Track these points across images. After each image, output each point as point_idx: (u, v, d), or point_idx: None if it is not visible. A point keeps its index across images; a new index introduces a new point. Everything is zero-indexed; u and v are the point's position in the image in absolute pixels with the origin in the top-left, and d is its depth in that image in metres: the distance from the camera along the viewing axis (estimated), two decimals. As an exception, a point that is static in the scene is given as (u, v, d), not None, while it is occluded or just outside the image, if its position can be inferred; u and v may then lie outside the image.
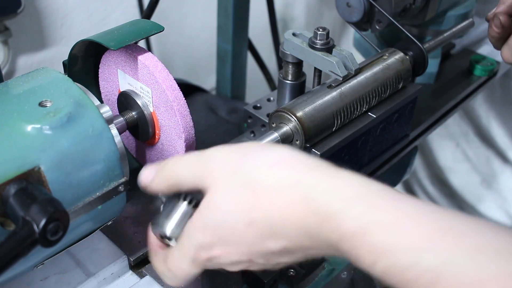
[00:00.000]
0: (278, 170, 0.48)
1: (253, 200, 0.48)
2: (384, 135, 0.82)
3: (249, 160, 0.49)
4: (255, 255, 0.50)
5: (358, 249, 0.43)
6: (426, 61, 0.81)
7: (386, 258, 0.42)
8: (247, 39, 1.19)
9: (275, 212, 0.47)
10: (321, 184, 0.46)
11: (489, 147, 1.48)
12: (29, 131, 0.53)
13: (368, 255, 0.43)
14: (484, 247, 0.40)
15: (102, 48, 0.68)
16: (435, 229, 0.42)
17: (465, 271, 0.39)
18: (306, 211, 0.46)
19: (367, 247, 0.43)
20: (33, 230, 0.47)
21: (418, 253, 0.41)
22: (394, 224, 0.42)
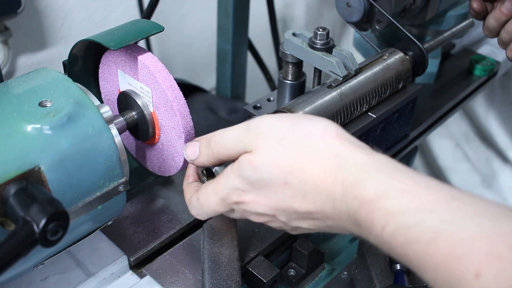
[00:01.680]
0: (326, 141, 0.53)
1: (294, 165, 0.53)
2: (384, 135, 0.82)
3: (299, 128, 0.54)
4: (280, 211, 0.55)
5: (373, 213, 0.47)
6: (426, 61, 0.81)
7: (396, 219, 0.46)
8: (247, 39, 1.19)
9: (309, 179, 0.52)
10: (354, 158, 0.51)
11: (489, 147, 1.48)
12: (29, 131, 0.53)
13: (381, 218, 0.47)
14: (482, 212, 0.44)
15: (102, 48, 0.68)
16: (442, 197, 0.46)
17: (461, 229, 0.43)
18: (335, 180, 0.51)
19: (382, 210, 0.47)
20: (33, 230, 0.47)
21: (423, 214, 0.45)
22: (407, 191, 0.47)
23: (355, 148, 0.52)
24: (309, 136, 0.54)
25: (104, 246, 0.74)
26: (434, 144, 1.56)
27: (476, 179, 1.54)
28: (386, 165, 0.51)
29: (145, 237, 0.75)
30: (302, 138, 0.54)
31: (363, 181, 0.49)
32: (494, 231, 0.42)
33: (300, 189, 0.53)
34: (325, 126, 0.54)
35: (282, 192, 0.54)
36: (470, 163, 1.53)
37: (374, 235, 0.48)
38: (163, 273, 0.71)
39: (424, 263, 0.45)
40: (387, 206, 0.47)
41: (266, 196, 0.55)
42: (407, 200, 0.47)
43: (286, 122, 0.56)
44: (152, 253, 0.74)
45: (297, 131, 0.54)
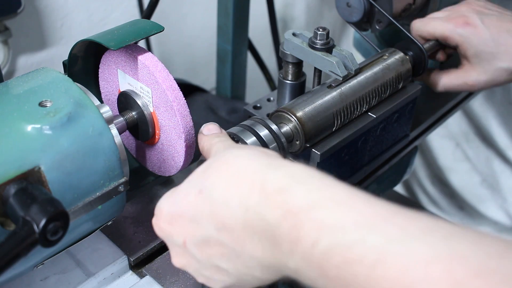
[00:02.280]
0: (250, 151, 0.47)
1: (211, 170, 0.47)
2: (384, 135, 0.82)
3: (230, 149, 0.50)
4: (190, 236, 0.48)
5: (301, 226, 0.39)
6: (426, 61, 0.81)
7: (330, 234, 0.38)
8: (247, 39, 1.19)
9: (220, 184, 0.45)
10: (278, 163, 0.44)
11: (489, 147, 1.48)
12: (29, 131, 0.53)
13: (312, 232, 0.39)
14: (434, 229, 0.37)
15: (102, 48, 0.68)
16: (385, 211, 0.39)
17: (411, 251, 0.36)
18: (252, 186, 0.43)
19: (312, 223, 0.39)
20: (33, 230, 0.47)
21: (365, 229, 0.38)
22: (345, 202, 0.40)
23: (279, 158, 0.46)
24: (234, 150, 0.48)
25: (104, 246, 0.74)
26: (434, 144, 1.56)
27: (476, 179, 1.54)
28: (315, 173, 0.43)
29: (145, 237, 0.75)
30: (227, 152, 0.49)
31: (290, 188, 0.41)
32: (451, 253, 0.35)
33: (210, 198, 0.45)
34: (256, 148, 0.49)
35: (194, 204, 0.47)
36: (470, 163, 1.53)
37: (300, 255, 0.40)
38: (163, 273, 0.71)
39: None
40: (320, 218, 0.39)
41: (181, 215, 0.48)
42: (345, 212, 0.39)
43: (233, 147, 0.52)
44: (152, 253, 0.74)
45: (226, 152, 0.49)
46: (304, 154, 0.71)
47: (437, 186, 1.61)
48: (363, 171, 0.82)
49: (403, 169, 0.97)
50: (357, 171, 0.81)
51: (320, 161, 0.71)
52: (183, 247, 0.49)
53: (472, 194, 1.55)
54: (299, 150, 0.69)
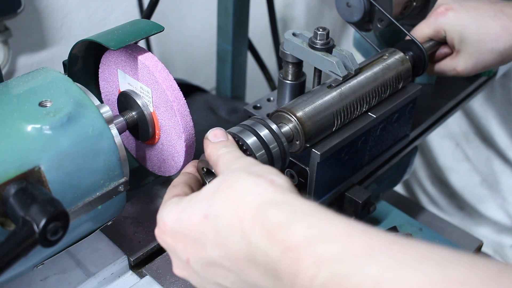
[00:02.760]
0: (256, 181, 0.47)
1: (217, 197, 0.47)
2: (384, 135, 0.82)
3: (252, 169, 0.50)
4: (194, 254, 0.49)
5: (301, 261, 0.41)
6: (427, 61, 0.81)
7: (329, 267, 0.40)
8: (247, 39, 1.19)
9: (226, 214, 0.46)
10: (278, 199, 0.45)
11: (489, 147, 1.48)
12: (29, 131, 0.53)
13: (311, 267, 0.40)
14: (429, 256, 0.38)
15: (102, 48, 0.68)
16: (382, 241, 0.40)
17: (406, 277, 0.37)
18: (254, 220, 0.44)
19: (311, 258, 0.41)
20: (33, 230, 0.47)
21: (362, 260, 0.39)
22: (342, 235, 0.41)
23: (284, 191, 0.46)
24: (262, 174, 0.48)
25: (104, 246, 0.74)
26: (434, 144, 1.56)
27: (476, 179, 1.54)
28: (315, 208, 0.44)
29: (145, 237, 0.75)
30: (253, 172, 0.48)
31: (289, 224, 0.43)
32: (445, 280, 0.36)
33: (215, 226, 0.46)
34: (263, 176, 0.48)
35: (200, 227, 0.48)
36: (470, 163, 1.53)
37: (301, 285, 0.41)
38: (163, 273, 0.71)
39: None
40: (318, 253, 0.40)
41: (185, 234, 0.49)
42: (342, 245, 0.40)
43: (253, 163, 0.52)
44: (152, 253, 0.74)
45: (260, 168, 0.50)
46: (304, 154, 0.71)
47: (437, 186, 1.61)
48: (363, 171, 0.82)
49: (403, 169, 0.97)
50: (357, 171, 0.81)
51: (320, 161, 0.71)
52: (187, 263, 0.50)
53: (472, 194, 1.55)
54: (299, 150, 0.69)
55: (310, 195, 0.75)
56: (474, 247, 0.98)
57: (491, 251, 1.52)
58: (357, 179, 0.82)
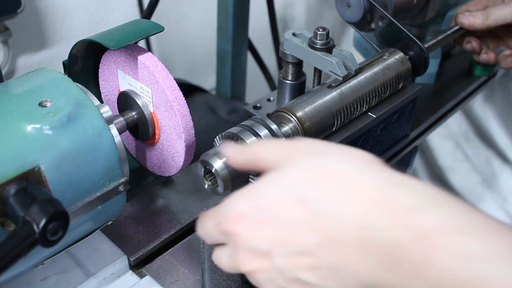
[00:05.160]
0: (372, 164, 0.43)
1: (319, 178, 0.42)
2: (384, 135, 0.82)
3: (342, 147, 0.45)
4: (280, 244, 0.43)
5: (435, 250, 0.36)
6: (427, 61, 0.81)
7: (470, 264, 0.35)
8: (247, 39, 1.19)
9: (334, 197, 0.40)
10: (408, 182, 0.40)
11: (489, 147, 1.48)
12: (29, 131, 0.53)
13: (447, 259, 0.35)
14: None
15: (102, 48, 0.68)
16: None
17: None
18: (375, 203, 0.39)
19: (449, 249, 0.36)
20: (33, 230, 0.47)
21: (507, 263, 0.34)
22: (485, 229, 0.36)
23: (397, 174, 0.42)
24: (352, 154, 0.44)
25: (104, 246, 0.74)
26: (434, 144, 1.56)
27: (476, 179, 1.54)
28: (446, 195, 0.40)
29: (145, 237, 0.75)
30: (342, 154, 0.43)
31: (422, 209, 0.38)
32: None
33: (318, 210, 0.41)
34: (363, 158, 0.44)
35: (292, 213, 0.42)
36: (470, 163, 1.53)
37: (426, 282, 0.36)
38: (163, 273, 0.71)
39: None
40: (459, 245, 0.36)
41: (268, 222, 0.43)
42: (487, 241, 0.35)
43: (325, 144, 0.46)
44: (152, 253, 0.74)
45: (340, 148, 0.45)
46: (304, 154, 0.71)
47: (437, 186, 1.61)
48: (363, 171, 0.82)
49: (403, 169, 0.97)
50: (357, 171, 0.81)
51: (320, 161, 0.71)
52: (266, 255, 0.44)
53: (472, 194, 1.55)
54: (299, 150, 0.69)
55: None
56: (474, 247, 0.97)
57: (491, 251, 1.51)
58: (357, 179, 0.82)
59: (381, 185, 0.40)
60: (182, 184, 0.84)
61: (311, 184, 0.42)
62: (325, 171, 0.42)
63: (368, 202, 0.40)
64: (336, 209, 0.40)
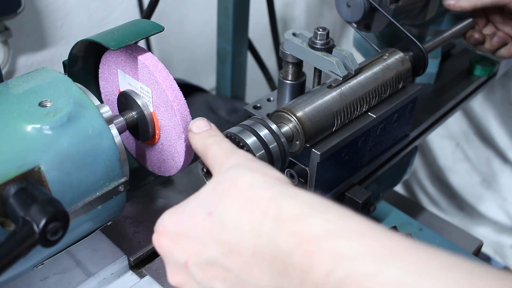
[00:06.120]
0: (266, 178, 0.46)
1: (223, 193, 0.46)
2: (384, 135, 0.82)
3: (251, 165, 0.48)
4: (193, 257, 0.46)
5: (316, 254, 0.39)
6: (426, 61, 0.81)
7: (347, 265, 0.37)
8: (247, 39, 1.19)
9: (233, 209, 0.44)
10: (294, 192, 0.44)
11: (489, 147, 1.48)
12: (29, 131, 0.53)
13: (327, 262, 0.38)
14: (455, 265, 0.36)
15: (102, 48, 0.68)
16: (405, 244, 0.38)
17: (433, 285, 0.35)
18: (266, 213, 0.42)
19: (329, 252, 0.38)
20: (33, 230, 0.47)
21: (384, 262, 0.37)
22: (363, 232, 0.39)
23: (294, 186, 0.45)
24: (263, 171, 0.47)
25: (104, 246, 0.74)
26: (434, 144, 1.56)
27: (476, 179, 1.54)
28: (331, 204, 0.43)
29: (145, 237, 0.75)
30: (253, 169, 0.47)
31: (307, 216, 0.41)
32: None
33: (220, 222, 0.44)
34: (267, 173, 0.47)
35: (202, 225, 0.46)
36: (470, 163, 1.53)
37: (311, 285, 0.39)
38: (163, 273, 0.71)
39: None
40: (337, 248, 0.38)
41: (185, 235, 0.47)
42: (363, 243, 0.38)
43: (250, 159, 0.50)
44: (152, 253, 0.74)
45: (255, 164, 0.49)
46: (304, 154, 0.71)
47: (437, 186, 1.61)
48: (363, 171, 0.82)
49: (403, 169, 0.97)
50: (357, 171, 0.81)
51: (320, 161, 0.71)
52: (184, 267, 0.48)
53: (472, 194, 1.55)
54: (299, 150, 0.69)
55: (310, 195, 0.75)
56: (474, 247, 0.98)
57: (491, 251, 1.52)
58: (357, 179, 0.82)
59: (275, 197, 0.43)
60: (182, 184, 0.84)
61: (219, 197, 0.46)
62: (233, 184, 0.46)
63: (263, 213, 0.43)
64: (235, 221, 0.44)
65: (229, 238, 0.44)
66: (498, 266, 1.49)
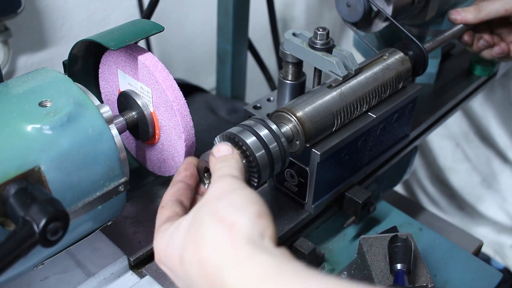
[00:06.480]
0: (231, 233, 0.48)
1: (188, 242, 0.50)
2: (384, 135, 0.82)
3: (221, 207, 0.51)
4: None
5: None
6: (426, 61, 0.81)
7: None
8: (247, 39, 1.19)
9: (195, 264, 0.48)
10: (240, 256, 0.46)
11: (489, 147, 1.48)
12: (29, 131, 0.53)
13: None
14: None
15: (102, 48, 0.68)
16: None
17: None
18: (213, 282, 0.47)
19: None
20: (33, 230, 0.47)
21: None
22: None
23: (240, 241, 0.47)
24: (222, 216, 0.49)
25: (104, 246, 0.74)
26: (434, 144, 1.56)
27: (476, 179, 1.54)
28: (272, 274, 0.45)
29: (145, 237, 0.75)
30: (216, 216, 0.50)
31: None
32: None
33: (188, 275, 0.50)
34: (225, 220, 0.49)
35: (178, 269, 0.51)
36: (470, 163, 1.53)
37: None
38: (163, 273, 0.71)
39: None
40: None
41: (171, 271, 0.54)
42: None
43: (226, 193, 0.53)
44: (152, 253, 0.74)
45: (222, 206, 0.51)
46: (304, 154, 0.71)
47: (437, 186, 1.61)
48: (363, 171, 0.82)
49: (403, 169, 0.97)
50: (357, 171, 0.81)
51: (320, 161, 0.71)
52: None
53: (472, 194, 1.55)
54: (299, 150, 0.69)
55: (310, 195, 0.75)
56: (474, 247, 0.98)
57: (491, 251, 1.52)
58: (357, 179, 0.82)
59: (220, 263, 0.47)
60: (182, 184, 0.84)
61: (186, 244, 0.50)
62: (195, 232, 0.50)
63: (212, 282, 0.47)
64: (197, 278, 0.48)
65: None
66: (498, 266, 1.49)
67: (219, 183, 0.54)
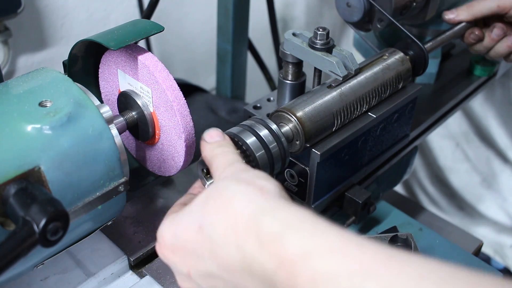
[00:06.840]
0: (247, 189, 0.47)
1: (210, 207, 0.47)
2: (384, 135, 0.82)
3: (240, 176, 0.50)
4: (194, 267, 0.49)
5: (297, 276, 0.41)
6: (427, 61, 0.81)
7: (326, 284, 0.39)
8: (247, 39, 1.19)
9: (220, 223, 0.45)
10: (270, 205, 0.45)
11: (489, 147, 1.48)
12: (29, 131, 0.53)
13: (308, 282, 0.40)
14: (427, 275, 0.38)
15: (102, 48, 0.68)
16: (378, 256, 0.40)
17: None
18: (247, 231, 0.44)
19: (307, 274, 0.40)
20: (33, 230, 0.47)
21: (360, 278, 0.38)
22: (337, 249, 0.41)
23: (274, 198, 0.46)
24: (249, 181, 0.48)
25: (104, 246, 0.74)
26: (434, 144, 1.56)
27: (476, 179, 1.54)
28: (307, 217, 0.44)
29: (145, 237, 0.75)
30: (241, 179, 0.48)
31: (283, 235, 0.42)
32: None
33: (210, 237, 0.46)
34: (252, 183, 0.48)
35: (196, 238, 0.47)
36: (470, 163, 1.53)
37: None
38: (163, 273, 0.71)
39: None
40: (314, 269, 0.40)
41: (181, 248, 0.49)
42: (337, 261, 0.40)
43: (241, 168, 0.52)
44: (152, 253, 0.74)
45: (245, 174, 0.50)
46: (304, 154, 0.71)
47: (437, 186, 1.61)
48: (363, 171, 0.82)
49: (403, 169, 0.97)
50: (357, 171, 0.81)
51: (320, 161, 0.71)
52: (188, 276, 0.50)
53: (472, 194, 1.55)
54: (299, 150, 0.69)
55: (310, 195, 0.75)
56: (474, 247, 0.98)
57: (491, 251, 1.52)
58: (357, 179, 0.82)
59: (255, 212, 0.44)
60: (182, 184, 0.84)
61: (207, 210, 0.47)
62: (218, 197, 0.47)
63: (245, 231, 0.44)
64: (222, 236, 0.45)
65: (219, 253, 0.46)
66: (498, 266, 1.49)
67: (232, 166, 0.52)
